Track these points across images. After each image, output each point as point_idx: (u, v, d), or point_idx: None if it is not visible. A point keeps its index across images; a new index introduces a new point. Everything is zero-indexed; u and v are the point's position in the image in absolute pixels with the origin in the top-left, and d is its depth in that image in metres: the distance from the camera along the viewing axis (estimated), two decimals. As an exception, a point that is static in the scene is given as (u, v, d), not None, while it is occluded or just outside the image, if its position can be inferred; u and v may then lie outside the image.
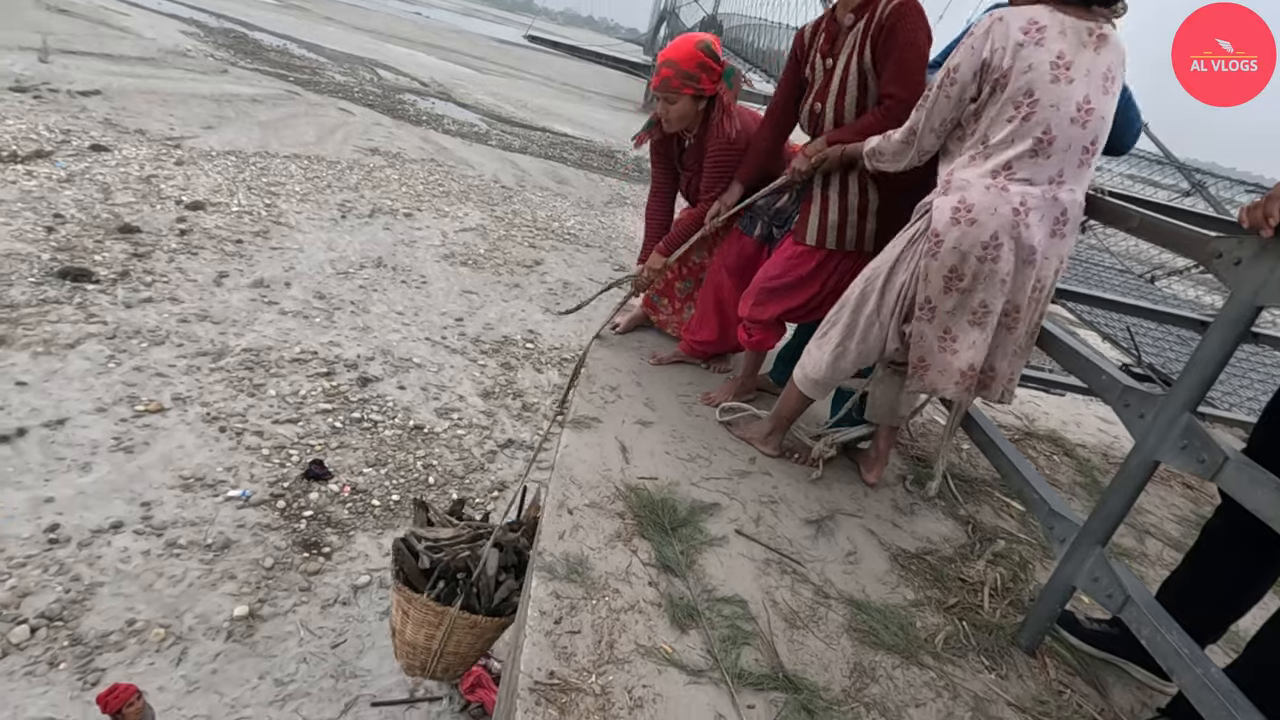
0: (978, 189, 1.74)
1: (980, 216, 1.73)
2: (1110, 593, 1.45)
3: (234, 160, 10.92)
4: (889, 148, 1.96)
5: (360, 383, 6.60)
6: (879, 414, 2.25)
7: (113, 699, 2.87)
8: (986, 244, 1.73)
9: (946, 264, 1.78)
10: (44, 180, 8.44)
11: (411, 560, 2.26)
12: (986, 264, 1.75)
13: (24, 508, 4.48)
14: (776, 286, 2.32)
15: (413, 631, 2.26)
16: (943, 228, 1.77)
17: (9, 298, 6.23)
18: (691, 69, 2.46)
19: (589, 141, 19.77)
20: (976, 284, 1.77)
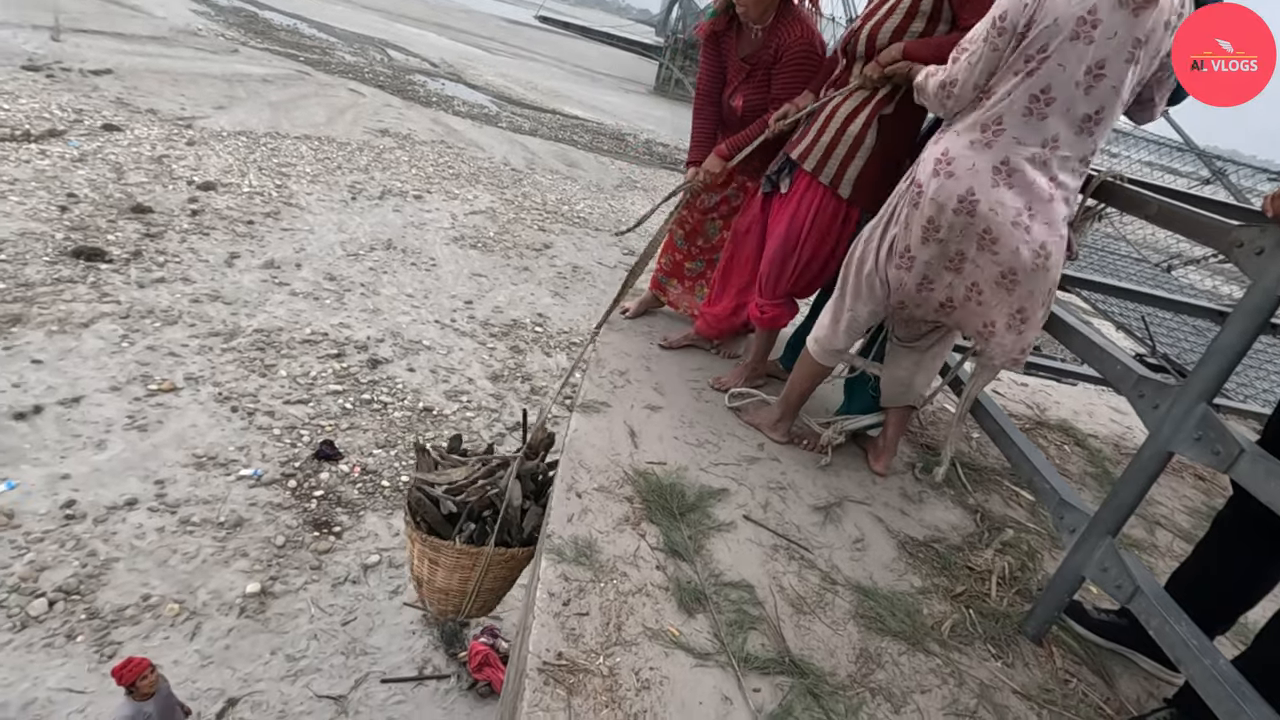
0: (962, 142, 1.71)
1: (958, 170, 1.70)
2: (1119, 583, 1.45)
3: (245, 141, 10.94)
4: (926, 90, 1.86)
5: (370, 364, 6.64)
6: (894, 396, 2.23)
7: (127, 671, 2.93)
8: (963, 197, 1.70)
9: (925, 214, 1.77)
10: (57, 160, 8.49)
11: (433, 509, 2.23)
12: (962, 217, 1.72)
13: (41, 484, 4.56)
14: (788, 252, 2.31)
15: (444, 578, 2.25)
16: (925, 178, 1.75)
17: (24, 276, 6.29)
18: None
19: (599, 124, 19.64)
20: (953, 235, 1.76)
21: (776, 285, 2.38)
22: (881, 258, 1.94)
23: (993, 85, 1.70)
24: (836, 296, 2.09)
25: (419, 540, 2.23)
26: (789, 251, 2.32)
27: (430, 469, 2.44)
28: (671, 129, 21.27)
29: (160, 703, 3.06)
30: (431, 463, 2.47)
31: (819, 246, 2.30)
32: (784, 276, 2.36)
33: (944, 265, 1.82)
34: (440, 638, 4.49)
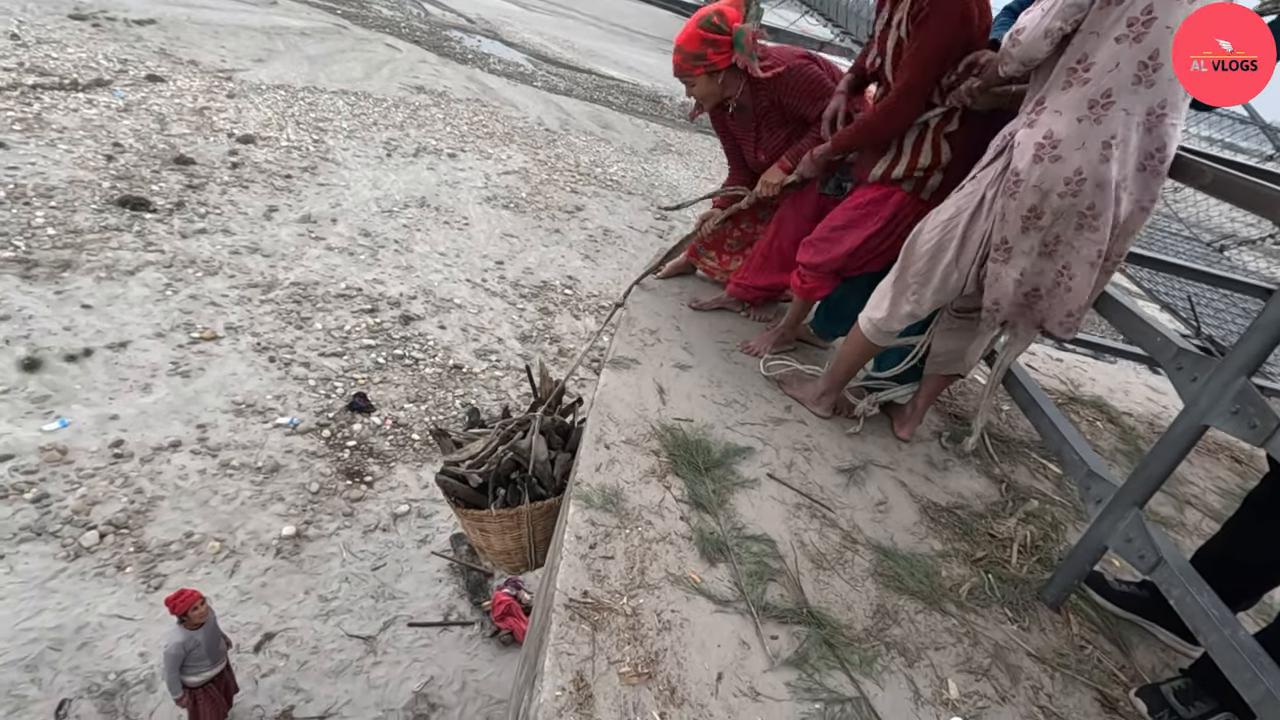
0: (1067, 119, 1.63)
1: (1065, 152, 1.63)
2: (1143, 554, 1.45)
3: (283, 94, 11.00)
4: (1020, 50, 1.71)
5: (402, 320, 6.75)
6: (941, 364, 2.19)
7: (180, 601, 3.09)
8: (1069, 179, 1.63)
9: (1026, 204, 1.70)
10: (104, 109, 8.64)
11: (463, 486, 2.32)
12: (1066, 199, 1.65)
13: (91, 423, 4.75)
14: (839, 232, 2.28)
15: (498, 541, 2.36)
16: (1024, 167, 1.68)
17: (73, 223, 6.47)
18: (695, 48, 2.42)
19: (635, 85, 19.33)
20: (1056, 220, 1.70)
21: (825, 259, 2.34)
22: (968, 250, 1.87)
23: (1088, 53, 1.62)
24: (897, 278, 2.03)
25: (464, 515, 2.34)
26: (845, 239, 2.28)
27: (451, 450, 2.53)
28: (708, 92, 20.87)
29: (208, 633, 3.21)
30: (452, 444, 2.56)
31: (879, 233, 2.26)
32: (835, 255, 2.31)
33: (1040, 253, 1.77)
34: (465, 587, 4.64)
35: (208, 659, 3.21)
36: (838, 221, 2.28)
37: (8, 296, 5.45)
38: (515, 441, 2.30)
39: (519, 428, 2.40)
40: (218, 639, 3.32)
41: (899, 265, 2.02)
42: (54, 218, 6.45)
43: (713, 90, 2.52)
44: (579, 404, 2.57)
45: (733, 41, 2.42)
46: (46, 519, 4.12)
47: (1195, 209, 6.83)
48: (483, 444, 2.38)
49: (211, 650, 3.23)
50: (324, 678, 3.89)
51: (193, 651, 3.15)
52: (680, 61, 2.48)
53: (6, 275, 5.64)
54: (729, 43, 2.42)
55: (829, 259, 2.33)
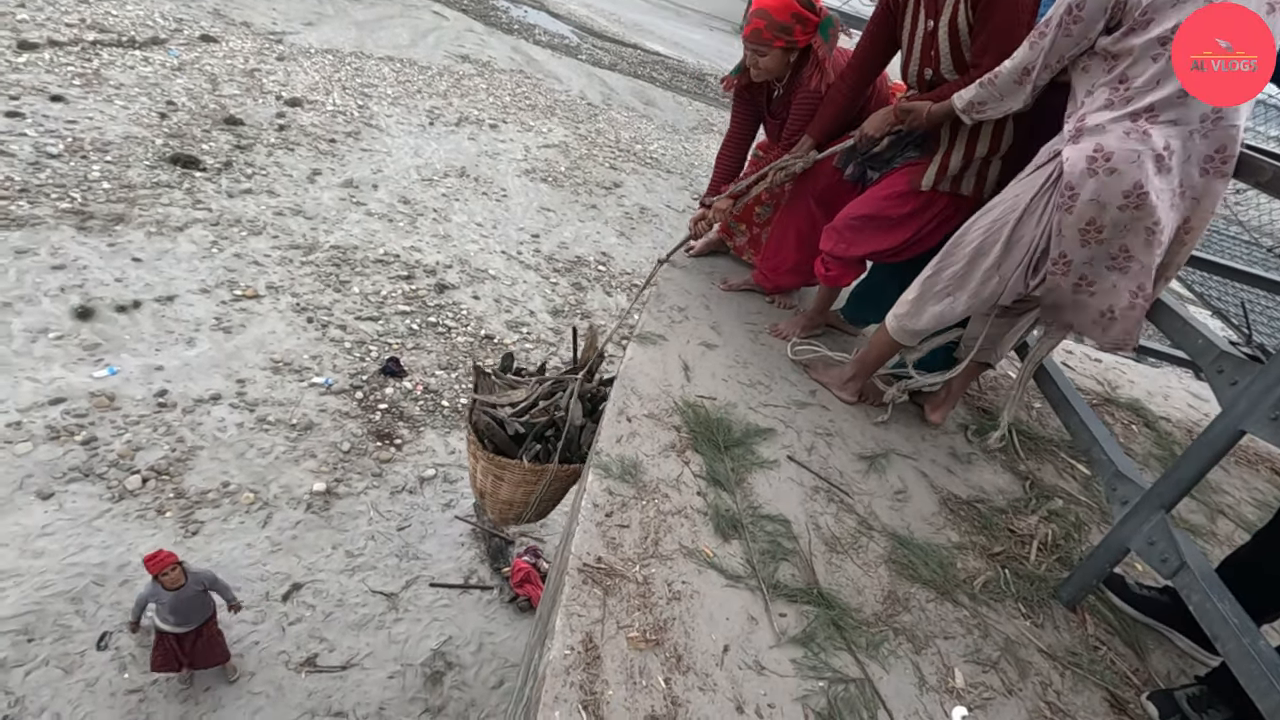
0: (1115, 135, 1.60)
1: (1120, 165, 1.59)
2: (1165, 557, 1.43)
3: (331, 59, 11.12)
4: (993, 93, 1.82)
5: (438, 289, 6.84)
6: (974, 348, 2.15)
7: (154, 564, 3.14)
8: (1129, 193, 1.59)
9: (1084, 217, 1.66)
10: (159, 67, 8.84)
11: (500, 430, 2.33)
12: (1128, 212, 1.62)
13: (138, 373, 4.93)
14: (866, 224, 2.23)
15: (509, 492, 2.38)
16: (1077, 179, 1.64)
17: (127, 178, 6.67)
18: (785, 19, 2.32)
19: (680, 62, 19.09)
20: (1117, 233, 1.67)
21: (850, 248, 2.31)
22: (1012, 256, 1.83)
23: (1127, 74, 1.61)
24: (930, 277, 1.99)
25: (485, 459, 2.33)
26: (870, 227, 2.24)
27: (489, 391, 2.53)
28: (754, 72, 20.56)
29: (178, 598, 3.23)
30: (491, 385, 2.56)
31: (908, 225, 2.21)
32: (861, 243, 2.28)
33: (1106, 265, 1.72)
34: (486, 552, 4.73)
35: (171, 617, 3.25)
36: (865, 211, 2.24)
37: (64, 246, 5.66)
38: (556, 399, 2.32)
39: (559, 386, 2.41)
40: (194, 607, 3.33)
41: (934, 264, 1.98)
42: (109, 172, 6.65)
43: (780, 66, 2.43)
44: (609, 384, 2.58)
45: (819, 26, 2.36)
46: (94, 461, 4.31)
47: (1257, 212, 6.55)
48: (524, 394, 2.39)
49: (178, 611, 3.26)
50: (347, 629, 4.03)
51: (158, 604, 3.22)
52: (763, 28, 2.35)
53: (64, 226, 5.85)
54: (816, 25, 2.36)
55: (852, 252, 2.30)
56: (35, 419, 4.39)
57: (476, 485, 2.51)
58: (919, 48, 2.05)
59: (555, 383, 2.43)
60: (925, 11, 2.01)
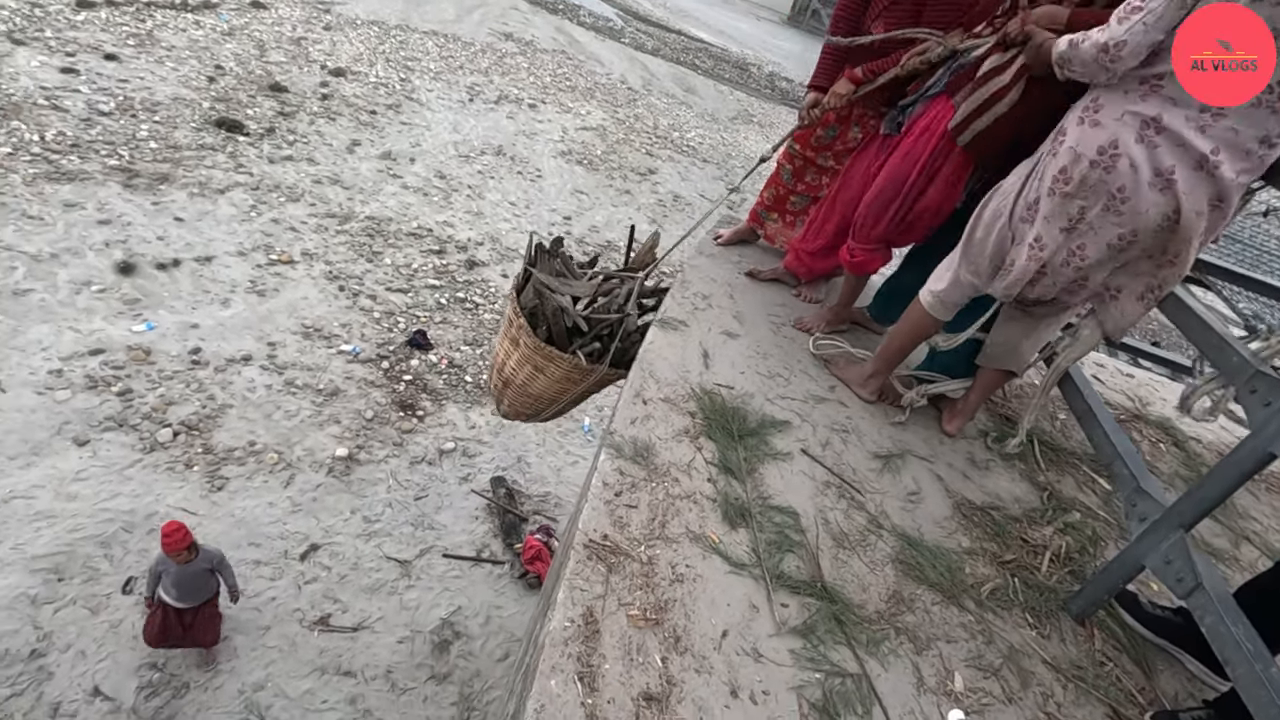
0: (1116, 94, 1.61)
1: (1103, 119, 1.61)
2: (1181, 576, 1.40)
3: (376, 31, 11.21)
4: (1077, 56, 1.68)
5: (468, 265, 6.90)
6: (995, 357, 2.14)
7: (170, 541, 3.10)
8: (1103, 148, 1.60)
9: (1059, 163, 1.69)
10: (209, 31, 8.99)
11: (559, 319, 2.18)
12: (1097, 170, 1.62)
13: (174, 330, 5.07)
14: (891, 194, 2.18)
15: (544, 386, 2.22)
16: (1068, 126, 1.68)
17: (174, 139, 6.81)
18: None
19: (724, 50, 18.88)
20: (1081, 190, 1.66)
21: (873, 228, 2.29)
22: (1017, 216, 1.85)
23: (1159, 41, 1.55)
24: (962, 249, 2.00)
25: (531, 347, 2.16)
26: (893, 195, 2.21)
27: (551, 273, 2.35)
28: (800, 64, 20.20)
29: (181, 573, 3.22)
30: (551, 267, 2.36)
31: (924, 190, 2.18)
32: (882, 220, 2.25)
33: (1060, 226, 1.72)
34: (500, 528, 4.80)
35: (174, 589, 3.25)
36: (885, 179, 2.20)
37: (111, 202, 5.81)
38: (614, 297, 2.22)
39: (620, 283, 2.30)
40: (198, 584, 3.33)
41: (964, 236, 1.99)
42: (156, 132, 6.80)
43: None
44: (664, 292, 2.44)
45: None
46: (128, 412, 4.45)
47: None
48: (587, 288, 2.28)
49: (181, 585, 3.26)
50: (360, 592, 4.12)
51: (162, 575, 3.25)
52: None
53: (111, 182, 6.01)
54: None
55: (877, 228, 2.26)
56: (75, 368, 4.54)
57: (502, 373, 2.33)
58: None
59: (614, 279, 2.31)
60: None
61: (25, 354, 4.51)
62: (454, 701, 3.86)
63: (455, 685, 3.92)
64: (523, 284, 2.37)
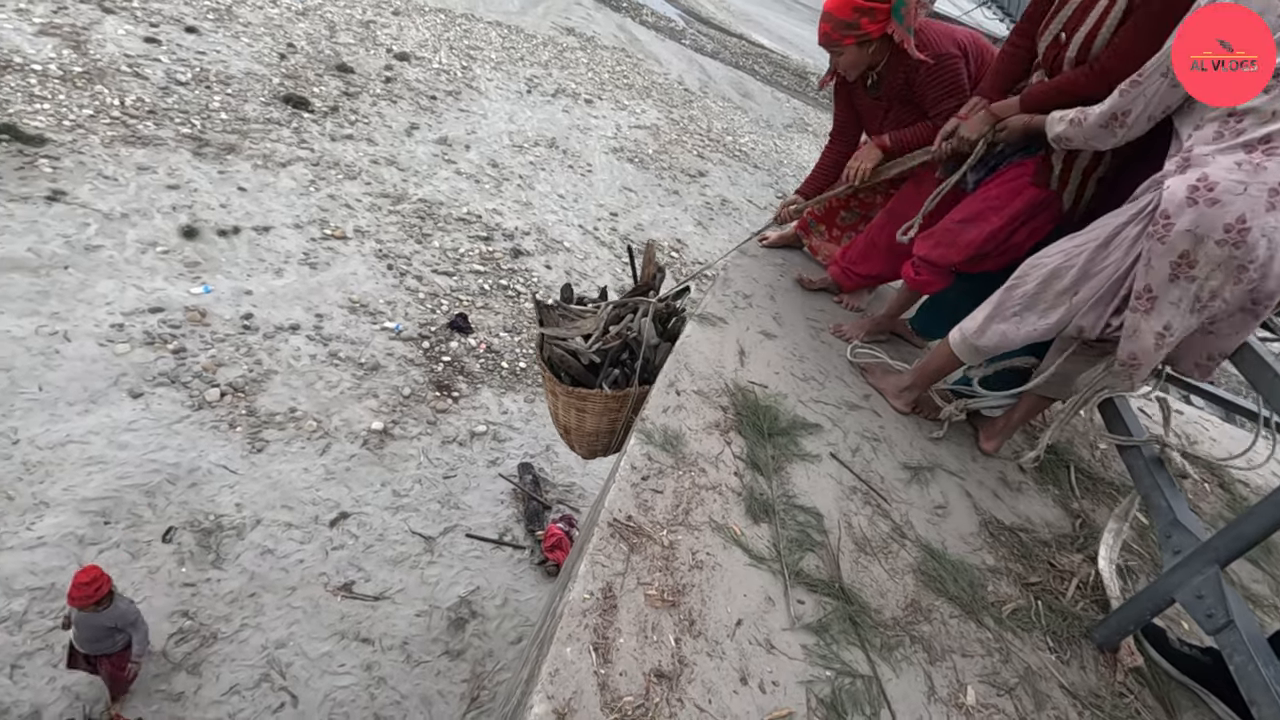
0: (1223, 165, 1.50)
1: (1223, 196, 1.48)
2: (1212, 612, 1.36)
3: (443, 18, 11.43)
4: (1079, 134, 1.73)
5: (513, 253, 7.01)
6: (1046, 385, 2.05)
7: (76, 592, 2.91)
8: (1230, 226, 1.48)
9: (1177, 249, 1.55)
10: (285, 10, 9.29)
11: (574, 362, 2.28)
12: (1226, 248, 1.50)
13: (229, 294, 5.26)
14: (967, 223, 2.16)
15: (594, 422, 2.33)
16: (1174, 208, 1.53)
17: (243, 111, 7.06)
18: (848, 16, 2.27)
19: (784, 57, 18.78)
20: (1212, 272, 1.55)
21: (948, 252, 2.23)
22: (1089, 286, 1.74)
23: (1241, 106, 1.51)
24: (1002, 297, 1.90)
25: (565, 393, 2.28)
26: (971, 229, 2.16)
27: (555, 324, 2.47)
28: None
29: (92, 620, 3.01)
30: (554, 318, 2.49)
31: (1012, 235, 2.14)
32: (954, 251, 2.20)
33: (1191, 309, 1.62)
34: (523, 514, 4.86)
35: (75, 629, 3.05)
36: (963, 215, 2.17)
37: (180, 169, 6.05)
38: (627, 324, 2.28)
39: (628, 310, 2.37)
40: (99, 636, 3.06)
41: (1010, 282, 1.90)
42: (228, 104, 7.06)
43: (861, 60, 2.39)
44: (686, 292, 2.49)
45: (891, 10, 2.28)
46: (181, 370, 4.63)
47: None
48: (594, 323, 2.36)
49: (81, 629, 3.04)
50: (384, 563, 4.22)
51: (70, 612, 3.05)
52: (829, 30, 2.34)
53: (182, 150, 6.26)
54: (887, 11, 2.28)
55: (949, 255, 2.23)
56: (135, 324, 4.74)
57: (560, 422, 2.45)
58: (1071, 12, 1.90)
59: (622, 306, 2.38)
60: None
61: (91, 307, 4.73)
62: (465, 679, 3.93)
63: (468, 663, 4.00)
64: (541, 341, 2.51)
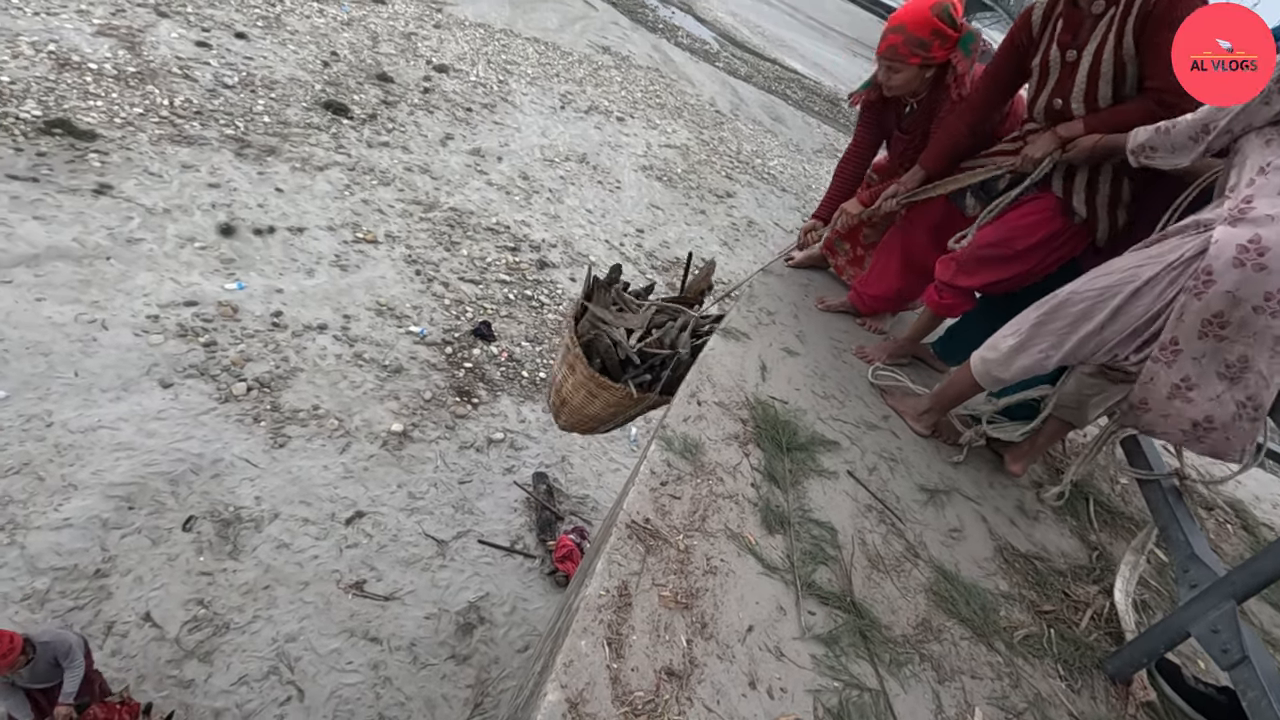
0: (1274, 230, 1.43)
1: (1273, 263, 1.42)
2: (1227, 648, 1.35)
3: (482, 33, 11.69)
4: (1166, 142, 1.68)
5: (539, 265, 7.10)
6: (1059, 408, 2.05)
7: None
8: (1271, 294, 1.43)
9: (1212, 308, 1.50)
10: (331, 19, 9.57)
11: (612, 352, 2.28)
12: (1263, 317, 1.45)
13: (260, 292, 5.39)
14: (991, 253, 2.17)
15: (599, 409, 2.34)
16: (1220, 267, 1.47)
17: (285, 115, 7.26)
18: (924, 35, 2.23)
19: (816, 83, 18.90)
20: (1241, 335, 1.50)
21: (970, 278, 2.25)
22: (1115, 325, 1.70)
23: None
24: (1032, 329, 1.86)
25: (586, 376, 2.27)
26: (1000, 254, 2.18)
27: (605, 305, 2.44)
28: (889, 105, 20.12)
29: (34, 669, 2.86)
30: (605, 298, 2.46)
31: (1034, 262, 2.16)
32: (981, 274, 2.22)
33: (1217, 370, 1.57)
34: (536, 523, 4.88)
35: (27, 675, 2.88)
36: (990, 239, 2.18)
37: (222, 168, 6.23)
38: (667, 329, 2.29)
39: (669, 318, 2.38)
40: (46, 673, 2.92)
41: (1037, 317, 1.87)
42: (271, 108, 7.26)
43: (913, 82, 2.35)
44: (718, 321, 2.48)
45: (960, 42, 2.27)
46: (210, 363, 4.74)
47: None
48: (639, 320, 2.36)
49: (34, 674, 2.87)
50: (396, 564, 4.27)
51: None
52: (900, 44, 2.27)
53: (224, 150, 6.45)
54: (955, 41, 2.27)
55: (970, 282, 2.25)
56: (170, 315, 4.87)
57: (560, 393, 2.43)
58: (1053, 80, 1.98)
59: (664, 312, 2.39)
60: (1062, 45, 1.95)
61: (129, 297, 4.87)
62: (470, 684, 3.94)
63: (473, 669, 4.01)
64: (580, 313, 2.46)
